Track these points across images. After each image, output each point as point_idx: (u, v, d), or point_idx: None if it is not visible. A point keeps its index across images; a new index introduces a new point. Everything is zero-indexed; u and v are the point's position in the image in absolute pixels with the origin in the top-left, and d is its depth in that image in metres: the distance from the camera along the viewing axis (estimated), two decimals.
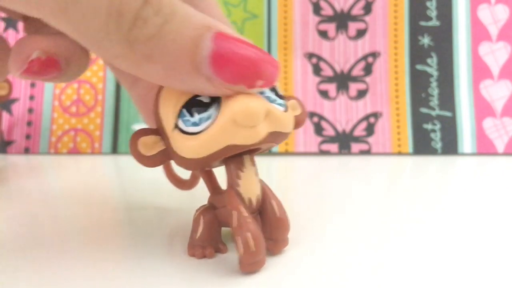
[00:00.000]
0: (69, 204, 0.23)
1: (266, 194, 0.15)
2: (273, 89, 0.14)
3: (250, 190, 0.14)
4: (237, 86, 0.12)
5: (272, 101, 0.14)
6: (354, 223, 0.19)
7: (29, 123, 0.38)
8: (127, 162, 0.34)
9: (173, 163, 0.21)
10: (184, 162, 0.14)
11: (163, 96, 0.14)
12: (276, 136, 0.14)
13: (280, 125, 0.14)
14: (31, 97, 0.39)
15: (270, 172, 0.32)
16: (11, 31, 0.39)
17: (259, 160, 0.16)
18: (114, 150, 0.38)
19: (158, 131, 0.14)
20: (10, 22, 0.39)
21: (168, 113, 0.14)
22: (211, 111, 0.13)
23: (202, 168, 0.15)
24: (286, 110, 0.14)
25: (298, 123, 0.16)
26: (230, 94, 0.13)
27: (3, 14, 0.39)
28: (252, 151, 0.15)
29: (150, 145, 0.14)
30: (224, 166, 0.15)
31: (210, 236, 0.15)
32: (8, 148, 0.38)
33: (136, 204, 0.22)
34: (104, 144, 0.38)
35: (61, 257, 0.15)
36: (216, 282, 0.13)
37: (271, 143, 0.14)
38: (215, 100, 0.13)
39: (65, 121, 0.38)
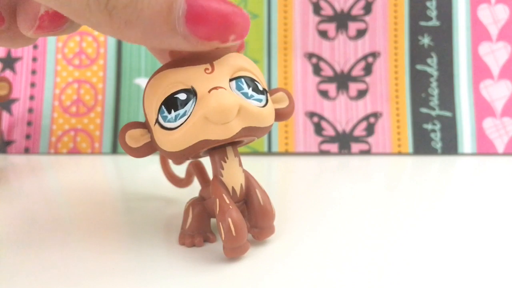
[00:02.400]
0: (69, 204, 0.23)
1: (251, 184, 0.16)
2: (253, 85, 0.15)
3: (233, 179, 0.15)
4: (211, 43, 0.13)
5: (249, 97, 0.15)
6: (352, 222, 0.19)
7: (29, 123, 0.38)
8: (127, 162, 0.34)
9: (171, 163, 0.22)
10: (166, 154, 0.15)
11: (147, 93, 0.15)
12: (252, 131, 0.15)
13: (254, 120, 0.14)
14: (31, 97, 0.39)
15: (270, 172, 0.32)
16: None
17: (259, 160, 0.16)
18: (114, 150, 0.38)
19: (145, 124, 0.15)
20: None
21: (151, 109, 0.15)
22: (187, 107, 0.14)
23: (183, 159, 0.16)
24: (265, 105, 0.15)
25: (284, 115, 0.16)
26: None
27: None
28: (234, 143, 0.15)
29: (136, 138, 0.15)
30: (209, 157, 0.16)
31: (199, 226, 0.16)
32: (8, 148, 0.38)
33: (136, 203, 0.22)
34: (104, 144, 0.38)
35: (61, 257, 0.15)
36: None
37: (249, 137, 0.15)
38: (192, 97, 0.14)
39: (65, 121, 0.38)
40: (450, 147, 0.36)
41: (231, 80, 0.15)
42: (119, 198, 0.24)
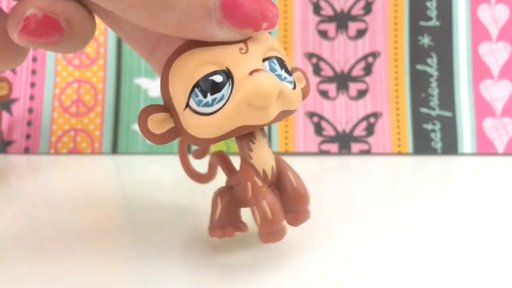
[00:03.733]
0: (69, 204, 0.23)
1: (281, 166, 0.15)
2: (284, 66, 0.14)
3: (263, 161, 0.14)
4: (245, 30, 0.13)
5: (283, 79, 0.14)
6: (353, 222, 0.19)
7: (29, 123, 0.38)
8: (127, 162, 0.34)
9: (190, 158, 0.21)
10: (195, 140, 0.14)
11: (173, 74, 0.14)
12: (286, 114, 0.14)
13: (290, 104, 0.14)
14: (31, 97, 0.39)
15: None
16: None
17: None
18: (114, 150, 0.38)
19: (166, 107, 0.14)
20: None
21: (180, 92, 0.13)
22: (224, 91, 0.13)
23: (212, 144, 0.15)
24: (294, 87, 0.14)
25: (303, 95, 0.16)
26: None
27: None
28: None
29: (159, 123, 0.14)
30: (235, 140, 0.14)
31: (229, 216, 0.15)
32: (8, 148, 0.38)
33: (136, 203, 0.22)
34: (104, 144, 0.38)
35: (61, 257, 0.15)
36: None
37: (280, 120, 0.14)
38: (228, 79, 0.13)
39: (65, 121, 0.38)
40: (450, 147, 0.36)
41: (263, 60, 0.14)
42: (119, 198, 0.24)
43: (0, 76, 0.35)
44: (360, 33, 0.38)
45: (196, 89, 0.13)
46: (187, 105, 0.13)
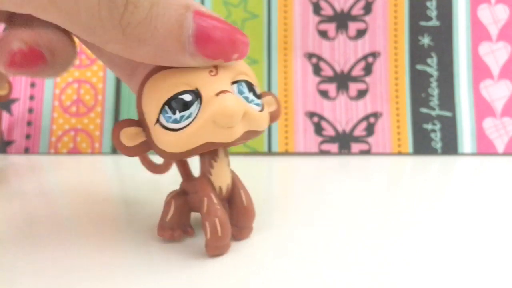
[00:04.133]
0: (69, 204, 0.23)
1: (235, 184, 0.16)
2: (252, 89, 0.15)
3: (221, 179, 0.16)
4: (216, 61, 0.14)
5: (250, 102, 0.15)
6: (352, 222, 0.19)
7: (29, 123, 0.38)
8: (127, 162, 0.34)
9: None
10: (164, 154, 0.15)
11: (146, 91, 0.15)
12: (251, 134, 0.15)
13: (255, 124, 0.15)
14: (31, 97, 0.39)
15: (270, 172, 0.32)
16: None
17: (259, 160, 0.16)
18: (114, 150, 0.38)
19: (139, 122, 0.15)
20: None
21: (151, 108, 0.14)
22: (192, 109, 0.14)
23: (179, 159, 0.16)
24: (262, 109, 0.15)
25: (273, 119, 0.17)
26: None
27: None
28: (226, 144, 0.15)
29: (131, 136, 0.15)
30: (199, 156, 0.16)
31: (179, 220, 0.17)
32: (8, 148, 0.38)
33: (135, 203, 0.22)
34: (104, 144, 0.38)
35: (61, 257, 0.15)
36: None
37: (246, 140, 0.15)
38: (197, 99, 0.14)
39: (65, 121, 0.38)
40: (450, 147, 0.36)
41: (232, 83, 0.15)
42: (119, 198, 0.24)
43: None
44: (360, 33, 0.38)
45: (166, 106, 0.14)
46: (157, 120, 0.14)
